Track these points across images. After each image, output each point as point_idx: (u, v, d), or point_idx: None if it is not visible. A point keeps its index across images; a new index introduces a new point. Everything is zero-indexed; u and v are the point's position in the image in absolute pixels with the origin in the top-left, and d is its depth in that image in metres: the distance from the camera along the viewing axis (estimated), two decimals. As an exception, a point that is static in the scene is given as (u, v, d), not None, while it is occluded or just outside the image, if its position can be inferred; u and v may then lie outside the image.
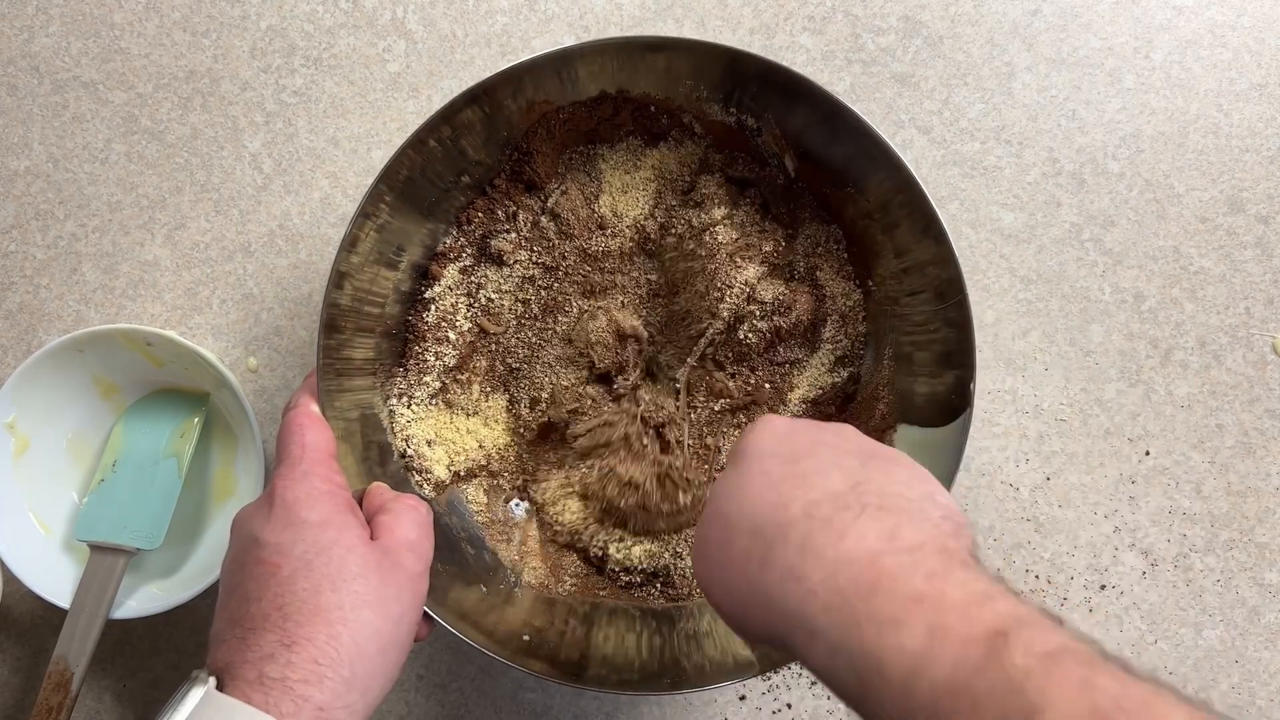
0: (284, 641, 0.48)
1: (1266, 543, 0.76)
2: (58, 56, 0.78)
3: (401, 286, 0.69)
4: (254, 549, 0.52)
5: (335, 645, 0.48)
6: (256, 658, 0.47)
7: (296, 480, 0.56)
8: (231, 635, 0.49)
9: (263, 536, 0.52)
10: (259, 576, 0.51)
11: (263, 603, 0.50)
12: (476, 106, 0.64)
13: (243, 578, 0.52)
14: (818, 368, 0.73)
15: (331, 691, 0.48)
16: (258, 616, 0.49)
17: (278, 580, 0.50)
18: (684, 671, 0.65)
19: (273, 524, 0.53)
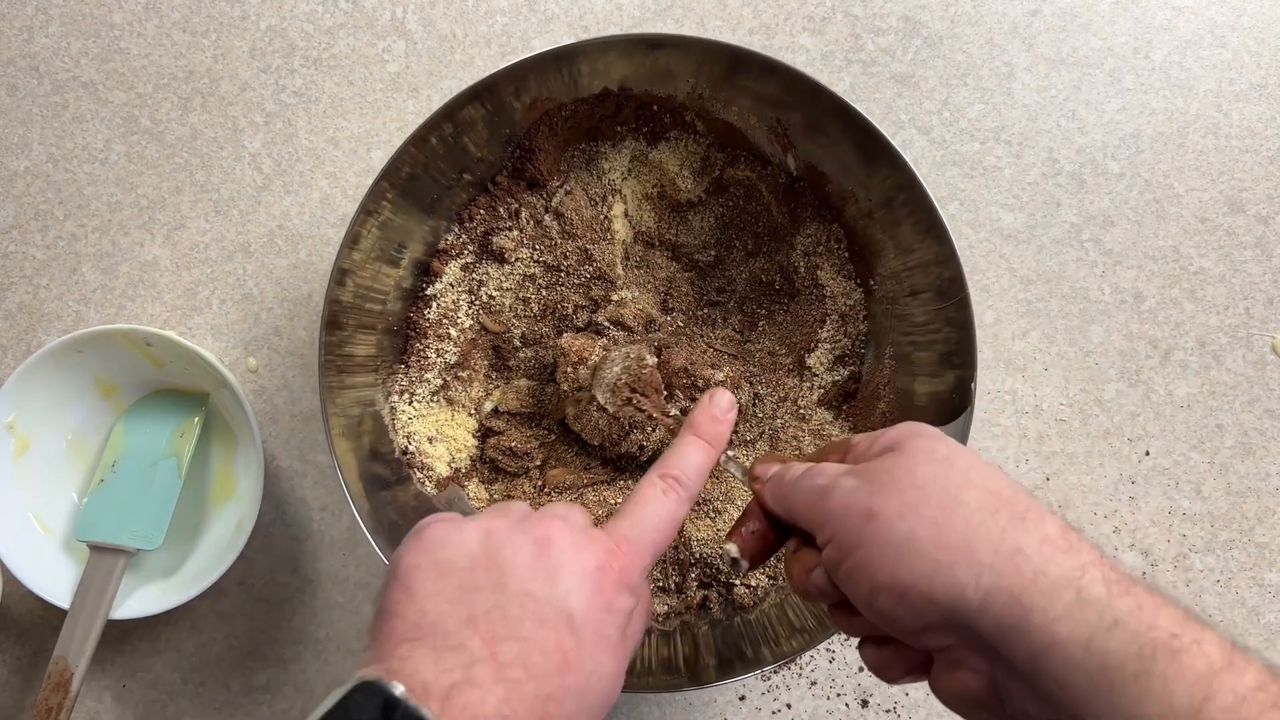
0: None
1: (1266, 543, 0.76)
2: (58, 56, 0.78)
3: (403, 283, 0.69)
4: (562, 625, 0.45)
5: None
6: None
7: (636, 579, 0.49)
8: (468, 678, 0.42)
9: (577, 622, 0.45)
10: (547, 655, 0.44)
11: (530, 688, 0.42)
12: (479, 103, 0.64)
13: (532, 634, 0.44)
14: (818, 367, 0.73)
15: None
16: (519, 703, 0.42)
17: (560, 681, 0.44)
18: (684, 671, 0.65)
19: (589, 618, 0.46)
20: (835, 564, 0.45)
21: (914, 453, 0.45)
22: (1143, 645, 0.36)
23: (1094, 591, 0.38)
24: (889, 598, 0.42)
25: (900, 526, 0.42)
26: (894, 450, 0.46)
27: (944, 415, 0.65)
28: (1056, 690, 0.38)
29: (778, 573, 0.69)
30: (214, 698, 0.76)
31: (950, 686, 0.43)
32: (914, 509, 0.42)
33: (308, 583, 0.76)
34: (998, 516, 0.41)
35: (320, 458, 0.77)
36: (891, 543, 0.42)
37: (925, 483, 0.43)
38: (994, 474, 0.44)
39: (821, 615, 0.64)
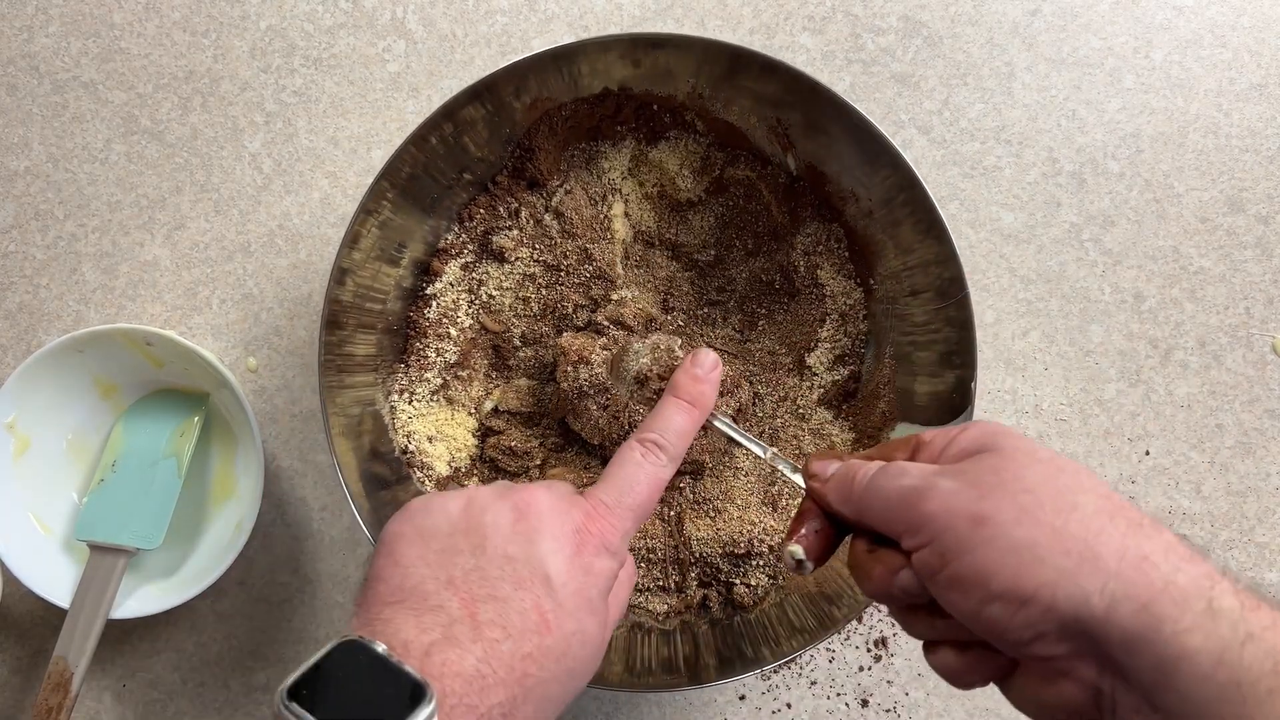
0: (505, 714, 0.42)
1: (1266, 543, 0.76)
2: (58, 56, 0.78)
3: (403, 283, 0.69)
4: (539, 585, 0.46)
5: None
6: (482, 711, 0.42)
7: (616, 541, 0.50)
8: (448, 636, 0.43)
9: (554, 583, 0.46)
10: (525, 615, 0.45)
11: (508, 647, 0.43)
12: (479, 103, 0.64)
13: (510, 595, 0.45)
14: (818, 366, 0.73)
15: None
16: (497, 662, 0.43)
17: (539, 641, 0.44)
18: (684, 670, 0.65)
19: (568, 580, 0.47)
20: (934, 570, 0.42)
21: (1015, 454, 0.43)
22: (1278, 662, 0.36)
23: (1225, 603, 0.37)
24: (1006, 606, 0.40)
25: (1018, 532, 0.40)
26: (989, 451, 0.44)
27: (944, 415, 0.65)
28: (1179, 703, 0.37)
29: (778, 572, 0.69)
30: (214, 698, 0.76)
31: (1046, 696, 0.42)
32: (1030, 514, 0.41)
33: (308, 583, 0.76)
34: (1116, 521, 0.40)
35: (320, 458, 0.77)
36: (1010, 550, 0.40)
37: (1036, 486, 0.41)
38: (1098, 479, 0.43)
39: (822, 615, 0.64)
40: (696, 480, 0.71)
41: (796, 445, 0.72)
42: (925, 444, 0.48)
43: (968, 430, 0.46)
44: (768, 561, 0.69)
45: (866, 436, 0.71)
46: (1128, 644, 0.38)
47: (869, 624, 0.76)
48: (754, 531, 0.68)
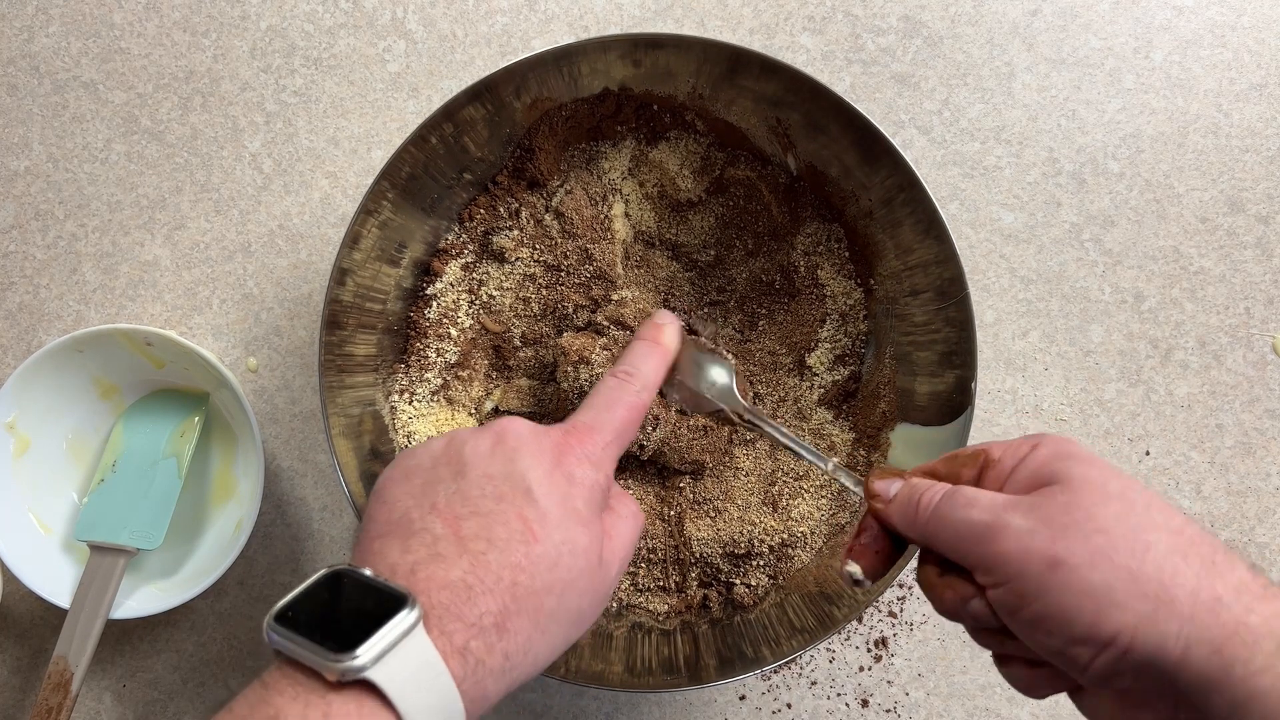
0: (497, 623, 0.42)
1: (1266, 543, 0.76)
2: (58, 56, 0.78)
3: (403, 283, 0.69)
4: (520, 498, 0.46)
5: (529, 652, 0.45)
6: (471, 620, 0.42)
7: (597, 451, 0.51)
8: (433, 554, 0.43)
9: (536, 493, 0.46)
10: (508, 525, 0.45)
11: (494, 557, 0.44)
12: (479, 103, 0.64)
13: (493, 509, 0.45)
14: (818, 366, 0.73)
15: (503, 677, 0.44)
16: (484, 572, 0.43)
17: (526, 550, 0.45)
18: (684, 671, 0.65)
19: (551, 490, 0.47)
20: (1011, 609, 0.42)
21: (1086, 488, 0.42)
22: None
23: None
24: (1087, 649, 0.40)
25: (1095, 577, 0.40)
26: (1059, 484, 0.43)
27: (944, 415, 0.65)
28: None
29: (778, 572, 0.69)
30: (214, 698, 0.76)
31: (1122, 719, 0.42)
32: (1105, 557, 0.40)
33: (308, 583, 0.76)
34: (1190, 561, 0.40)
35: (320, 458, 0.77)
36: (1088, 594, 0.40)
37: (1109, 526, 0.41)
38: (1171, 511, 0.42)
39: (822, 615, 0.64)
40: (696, 480, 0.71)
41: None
42: (994, 463, 0.47)
43: (1037, 451, 0.45)
44: (768, 561, 0.69)
45: (866, 436, 0.71)
46: (1202, 687, 0.38)
47: (869, 624, 0.76)
48: (754, 531, 0.68)
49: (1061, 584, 0.40)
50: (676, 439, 0.69)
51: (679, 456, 0.70)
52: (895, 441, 0.68)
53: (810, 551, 0.70)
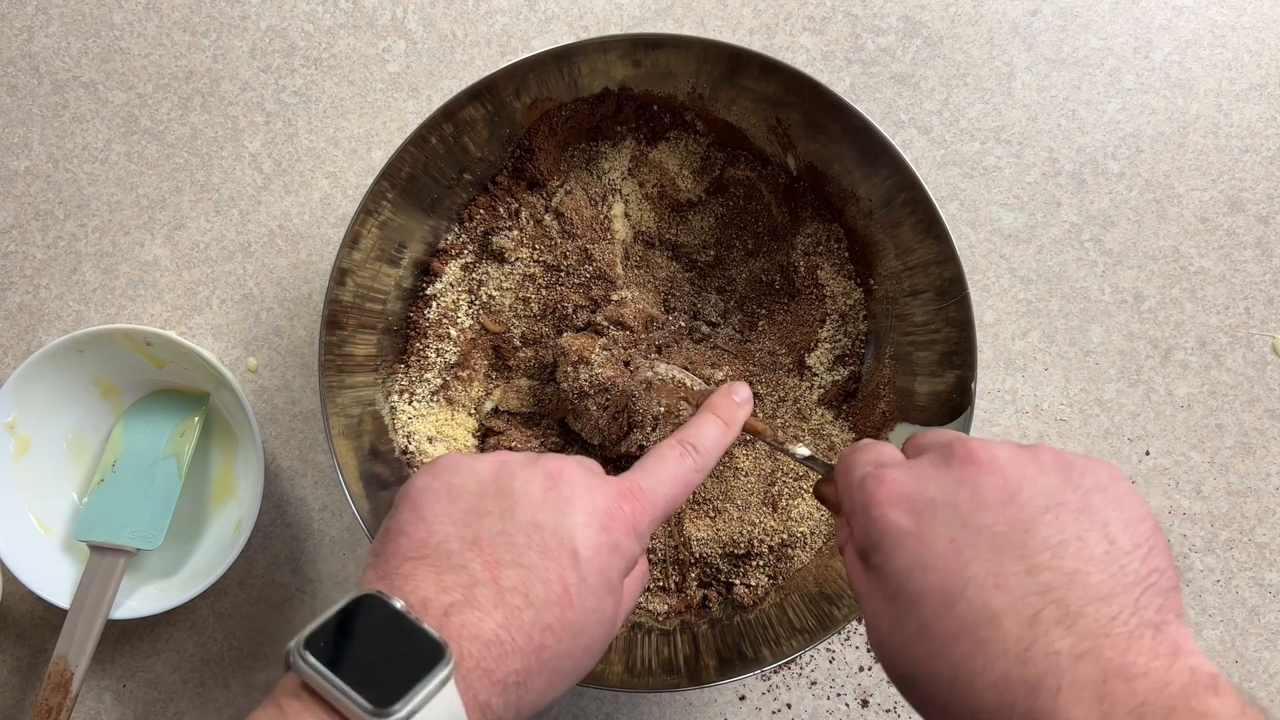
0: (519, 682, 0.42)
1: (1266, 543, 0.76)
2: (58, 56, 0.78)
3: (403, 283, 0.70)
4: (565, 558, 0.45)
5: (537, 705, 0.44)
6: (498, 678, 0.41)
7: (645, 525, 0.49)
8: (469, 598, 0.42)
9: (581, 557, 0.45)
10: (549, 585, 0.44)
11: (529, 616, 0.43)
12: (479, 103, 0.64)
13: (536, 563, 0.44)
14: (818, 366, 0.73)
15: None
16: (516, 630, 0.42)
17: (560, 615, 0.44)
18: (684, 671, 0.65)
19: (595, 557, 0.45)
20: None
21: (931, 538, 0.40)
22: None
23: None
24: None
25: (891, 635, 0.41)
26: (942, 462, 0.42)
27: (944, 415, 0.65)
28: None
29: (778, 572, 0.69)
30: (214, 698, 0.76)
31: None
32: (901, 620, 0.40)
33: (308, 583, 0.76)
34: (993, 659, 0.36)
35: (320, 458, 0.77)
36: (898, 651, 0.41)
37: (922, 593, 0.39)
38: (999, 577, 0.37)
39: (822, 615, 0.64)
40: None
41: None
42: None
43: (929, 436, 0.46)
44: (767, 561, 0.69)
45: (866, 436, 0.71)
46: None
47: (869, 624, 0.76)
48: (754, 531, 0.68)
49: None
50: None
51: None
52: (895, 441, 0.68)
53: (810, 551, 0.70)
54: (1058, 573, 0.36)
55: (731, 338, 0.74)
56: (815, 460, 0.58)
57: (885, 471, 0.43)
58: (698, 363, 0.71)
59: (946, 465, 0.41)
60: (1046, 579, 0.36)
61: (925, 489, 0.41)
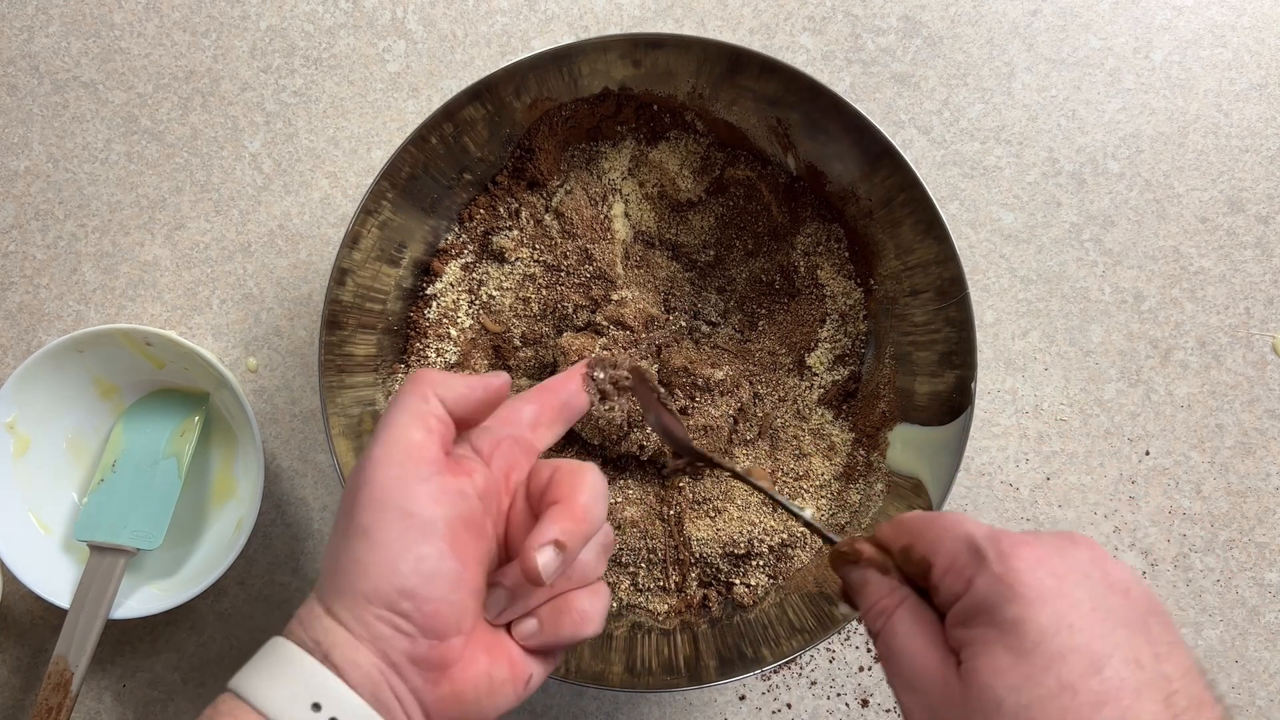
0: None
1: (1266, 543, 0.76)
2: (58, 56, 0.78)
3: (403, 283, 0.70)
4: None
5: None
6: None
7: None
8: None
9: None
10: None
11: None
12: (479, 103, 0.64)
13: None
14: (818, 366, 0.73)
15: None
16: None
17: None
18: (684, 671, 0.65)
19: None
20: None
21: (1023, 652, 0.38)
22: None
23: None
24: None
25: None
26: (995, 630, 0.39)
27: (944, 415, 0.65)
28: None
29: (778, 572, 0.69)
30: (214, 698, 0.76)
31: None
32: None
33: (308, 583, 0.76)
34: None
35: (320, 458, 0.77)
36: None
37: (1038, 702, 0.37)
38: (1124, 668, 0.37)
39: (822, 615, 0.64)
40: (696, 480, 0.71)
41: (797, 445, 0.72)
42: (936, 579, 0.43)
43: (975, 589, 0.40)
44: (767, 561, 0.69)
45: (866, 436, 0.71)
46: None
47: (869, 624, 0.76)
48: (754, 531, 0.68)
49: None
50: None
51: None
52: (895, 441, 0.68)
53: (810, 551, 0.70)
54: (1175, 667, 0.37)
55: (731, 338, 0.74)
56: (823, 529, 0.54)
57: (1014, 534, 0.41)
58: (698, 363, 0.71)
59: (1074, 545, 0.41)
60: (1168, 670, 0.37)
61: (1064, 558, 0.40)
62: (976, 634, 0.39)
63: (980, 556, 0.40)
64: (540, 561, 0.43)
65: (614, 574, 0.70)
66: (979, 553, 0.40)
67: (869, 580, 0.45)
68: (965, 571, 0.40)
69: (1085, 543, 0.41)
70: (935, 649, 0.41)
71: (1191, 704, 0.36)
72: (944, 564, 0.42)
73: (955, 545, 0.41)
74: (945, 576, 0.41)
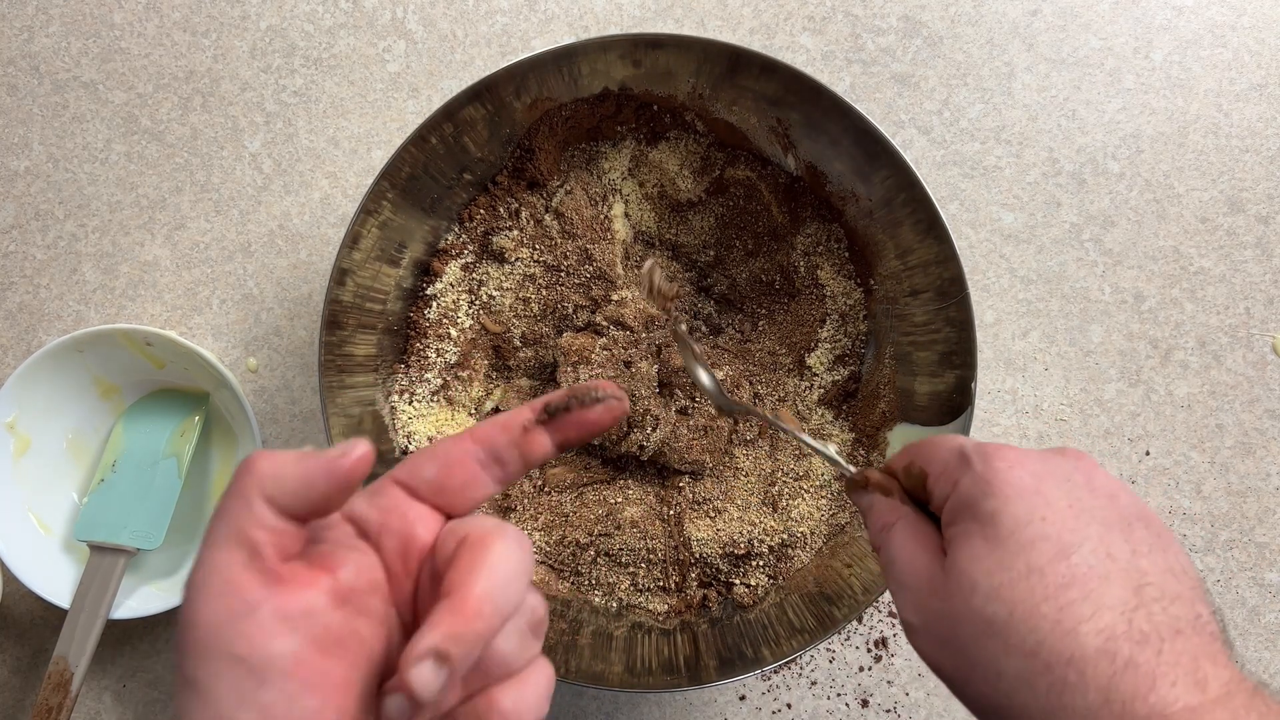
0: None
1: (1266, 543, 0.76)
2: (58, 56, 0.78)
3: (403, 283, 0.70)
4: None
5: None
6: None
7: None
8: None
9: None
10: None
11: None
12: (479, 103, 0.64)
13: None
14: (818, 366, 0.73)
15: None
16: None
17: None
18: (684, 671, 0.65)
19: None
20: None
21: (972, 558, 0.41)
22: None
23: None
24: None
25: (935, 655, 0.42)
26: (979, 524, 0.42)
27: (944, 415, 0.65)
28: None
29: (778, 572, 0.69)
30: (214, 698, 0.76)
31: None
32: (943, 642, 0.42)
33: (308, 583, 0.76)
34: (1023, 690, 0.38)
35: (320, 458, 0.77)
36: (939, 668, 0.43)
37: (960, 615, 0.41)
38: (1037, 601, 0.39)
39: (822, 615, 0.64)
40: (696, 480, 0.71)
41: (797, 445, 0.72)
42: (931, 485, 0.46)
43: (959, 490, 0.43)
44: (767, 561, 0.69)
45: (866, 436, 0.71)
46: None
47: (869, 624, 0.76)
48: (754, 531, 0.68)
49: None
50: (676, 439, 0.70)
51: (679, 457, 0.70)
52: (895, 441, 0.68)
53: (810, 551, 0.70)
54: (1153, 564, 0.39)
55: (731, 338, 0.75)
56: (847, 465, 0.54)
57: (1001, 444, 0.44)
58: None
59: (1061, 455, 0.43)
60: (1144, 565, 0.39)
61: (1046, 463, 0.42)
62: (960, 529, 0.42)
63: (966, 460, 0.43)
64: (416, 681, 0.33)
65: (614, 574, 0.70)
66: (965, 457, 0.43)
67: (875, 503, 0.48)
68: (953, 475, 0.44)
69: (1073, 453, 0.44)
70: (925, 552, 0.44)
71: (1164, 595, 0.38)
72: (936, 470, 0.45)
73: (947, 454, 0.45)
74: (938, 482, 0.45)
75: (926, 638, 0.43)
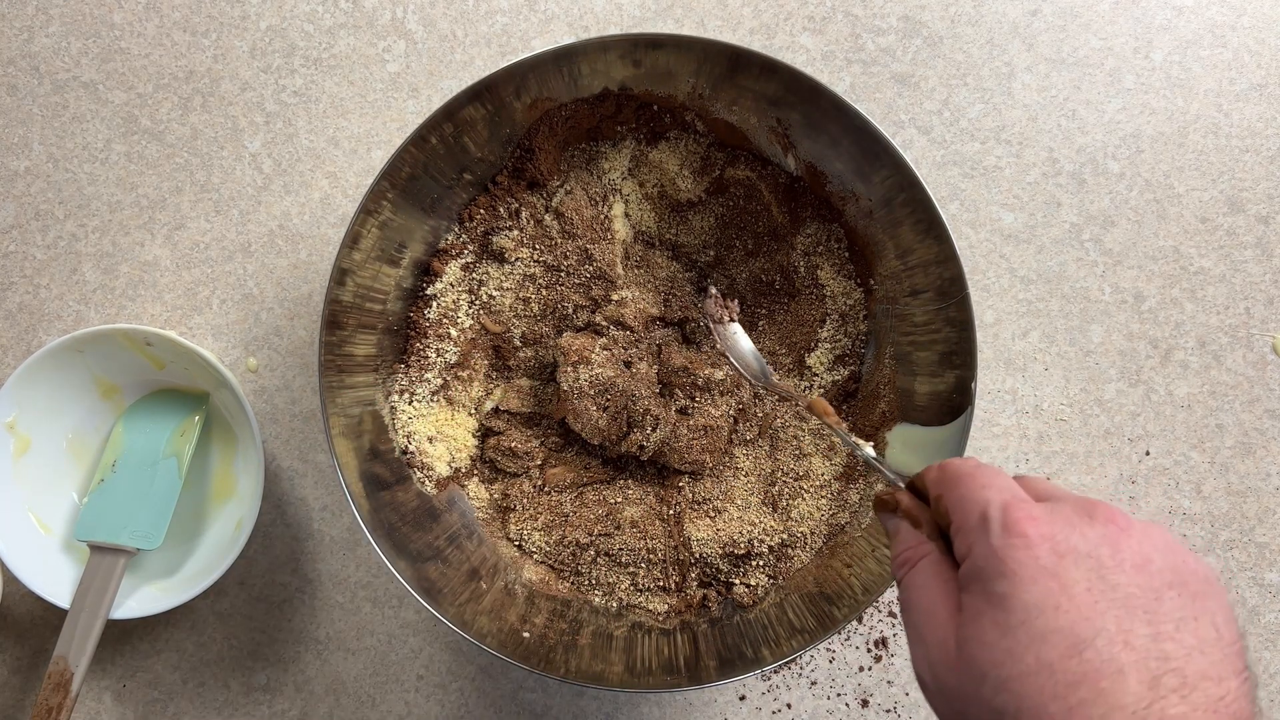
0: None
1: (1266, 543, 0.76)
2: (58, 56, 0.78)
3: (403, 283, 0.70)
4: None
5: None
6: None
7: None
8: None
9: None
10: None
11: None
12: (479, 103, 0.64)
13: None
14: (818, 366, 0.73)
15: None
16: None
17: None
18: (684, 671, 0.65)
19: None
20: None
21: (1018, 618, 0.39)
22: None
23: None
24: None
25: (945, 677, 0.40)
26: (992, 598, 0.40)
27: (944, 415, 0.65)
28: None
29: (778, 572, 0.69)
30: (214, 698, 0.76)
31: None
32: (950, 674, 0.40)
33: (308, 583, 0.76)
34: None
35: (320, 458, 0.77)
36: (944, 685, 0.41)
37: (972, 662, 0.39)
38: (1037, 670, 0.38)
39: (822, 615, 0.64)
40: (696, 480, 0.71)
41: (797, 445, 0.72)
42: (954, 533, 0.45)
43: (973, 555, 0.41)
44: (767, 561, 0.69)
45: (866, 436, 0.71)
46: None
47: (869, 624, 0.76)
48: (754, 531, 0.68)
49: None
50: (676, 439, 0.70)
51: (679, 457, 0.70)
52: (894, 441, 0.68)
53: (810, 551, 0.70)
54: (1179, 645, 0.37)
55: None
56: (883, 467, 0.53)
57: (1028, 505, 0.41)
58: (697, 363, 0.71)
59: (1090, 519, 0.41)
60: (1169, 648, 0.37)
61: (1070, 535, 0.40)
62: (972, 601, 0.40)
63: (985, 527, 0.41)
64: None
65: (614, 574, 0.70)
66: (985, 522, 0.41)
67: (900, 530, 0.46)
68: (969, 537, 0.42)
69: (1105, 515, 0.41)
70: (946, 604, 0.42)
71: (1186, 683, 0.36)
72: (958, 523, 0.43)
73: (971, 508, 0.42)
74: (958, 535, 0.43)
75: (938, 701, 0.41)
